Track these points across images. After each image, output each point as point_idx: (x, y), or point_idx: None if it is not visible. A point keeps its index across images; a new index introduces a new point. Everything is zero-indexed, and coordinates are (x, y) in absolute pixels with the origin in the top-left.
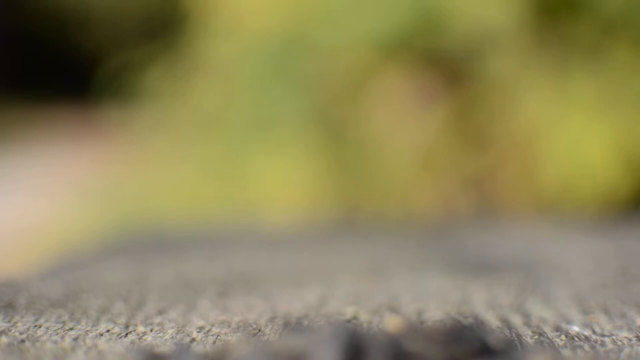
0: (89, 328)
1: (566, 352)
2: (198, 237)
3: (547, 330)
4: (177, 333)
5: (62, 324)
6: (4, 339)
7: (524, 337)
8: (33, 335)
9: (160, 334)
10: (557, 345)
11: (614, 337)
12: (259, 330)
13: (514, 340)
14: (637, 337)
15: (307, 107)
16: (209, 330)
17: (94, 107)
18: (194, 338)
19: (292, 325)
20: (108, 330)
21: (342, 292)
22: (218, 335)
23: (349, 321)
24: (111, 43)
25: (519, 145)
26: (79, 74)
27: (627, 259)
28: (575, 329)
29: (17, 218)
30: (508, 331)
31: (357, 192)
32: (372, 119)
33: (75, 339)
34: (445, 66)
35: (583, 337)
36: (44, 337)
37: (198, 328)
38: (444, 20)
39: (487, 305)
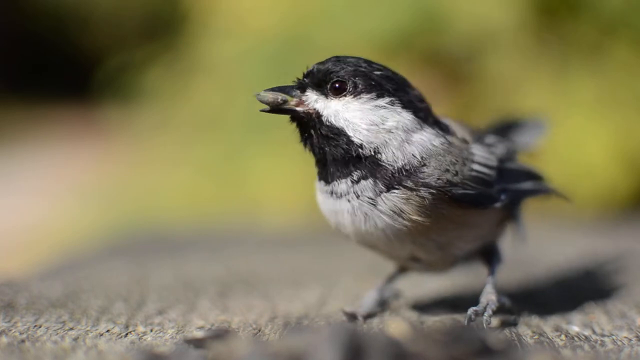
0: (89, 328)
1: (566, 352)
2: (198, 237)
3: (547, 330)
4: (177, 333)
5: (62, 324)
6: (4, 339)
7: (524, 337)
8: (33, 335)
9: (160, 334)
10: (557, 345)
11: (614, 337)
12: (259, 330)
13: (514, 340)
14: (637, 337)
15: None
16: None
17: (94, 107)
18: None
19: (292, 325)
20: (108, 330)
21: (342, 292)
22: None
23: (349, 321)
24: (111, 43)
25: None
26: (79, 74)
27: (627, 259)
28: (575, 329)
29: (17, 218)
30: (508, 331)
31: None
32: None
33: (75, 339)
34: (445, 66)
35: (583, 337)
36: (44, 337)
37: (198, 328)
38: (444, 20)
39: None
